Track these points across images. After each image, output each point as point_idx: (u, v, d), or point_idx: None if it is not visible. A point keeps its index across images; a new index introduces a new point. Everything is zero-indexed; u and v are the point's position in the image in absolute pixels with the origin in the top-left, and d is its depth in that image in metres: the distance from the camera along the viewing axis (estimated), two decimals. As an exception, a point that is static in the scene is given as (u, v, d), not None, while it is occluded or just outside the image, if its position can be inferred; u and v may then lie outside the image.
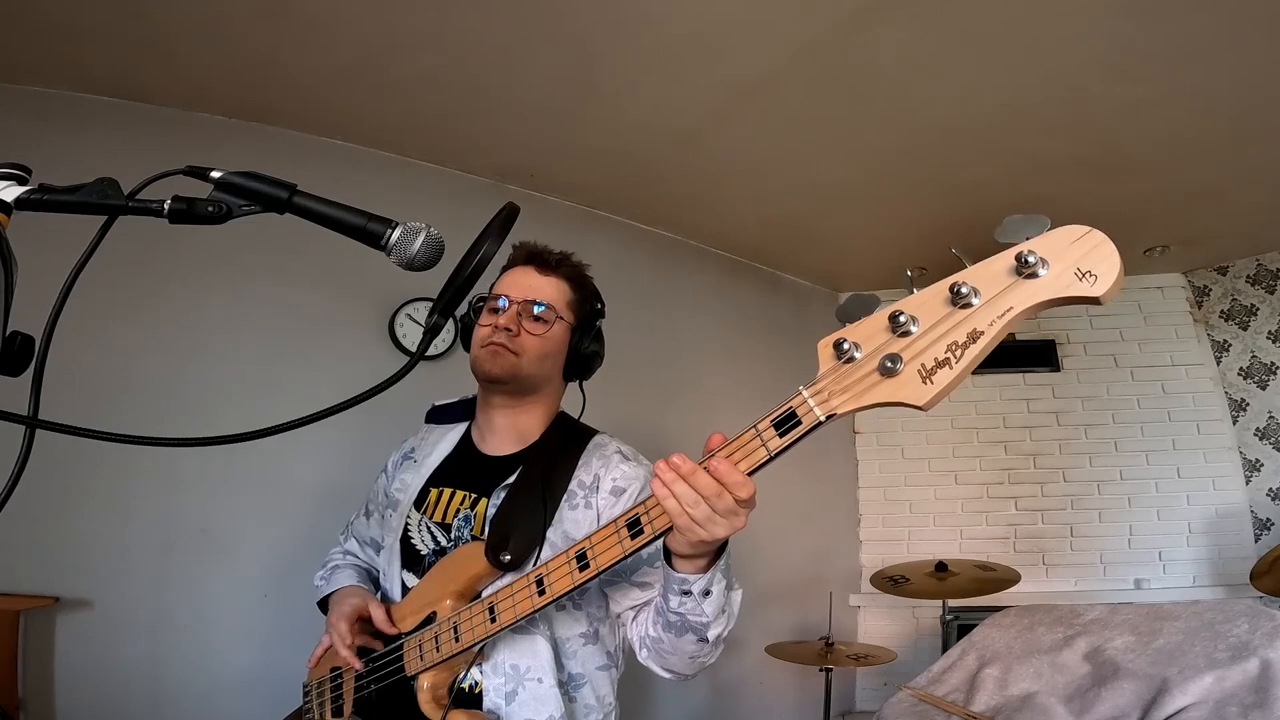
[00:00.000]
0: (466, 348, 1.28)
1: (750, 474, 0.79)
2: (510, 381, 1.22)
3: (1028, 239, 0.68)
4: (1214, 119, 2.45)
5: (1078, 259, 0.66)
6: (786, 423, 0.77)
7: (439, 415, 1.41)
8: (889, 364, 0.71)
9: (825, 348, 0.76)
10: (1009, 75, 2.27)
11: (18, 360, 0.59)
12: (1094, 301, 0.65)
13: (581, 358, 1.29)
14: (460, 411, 1.38)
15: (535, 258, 1.27)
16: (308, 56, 2.21)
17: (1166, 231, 3.28)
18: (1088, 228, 0.66)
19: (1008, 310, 0.68)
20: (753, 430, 0.79)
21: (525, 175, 2.96)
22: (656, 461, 0.82)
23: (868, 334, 0.74)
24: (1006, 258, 0.68)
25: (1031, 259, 0.66)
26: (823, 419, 0.75)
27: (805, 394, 0.76)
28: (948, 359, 0.69)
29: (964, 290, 0.69)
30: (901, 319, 0.71)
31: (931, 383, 0.69)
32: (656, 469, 0.82)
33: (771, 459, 0.78)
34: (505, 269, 1.29)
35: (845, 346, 0.74)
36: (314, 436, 2.25)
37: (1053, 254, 0.66)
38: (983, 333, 0.68)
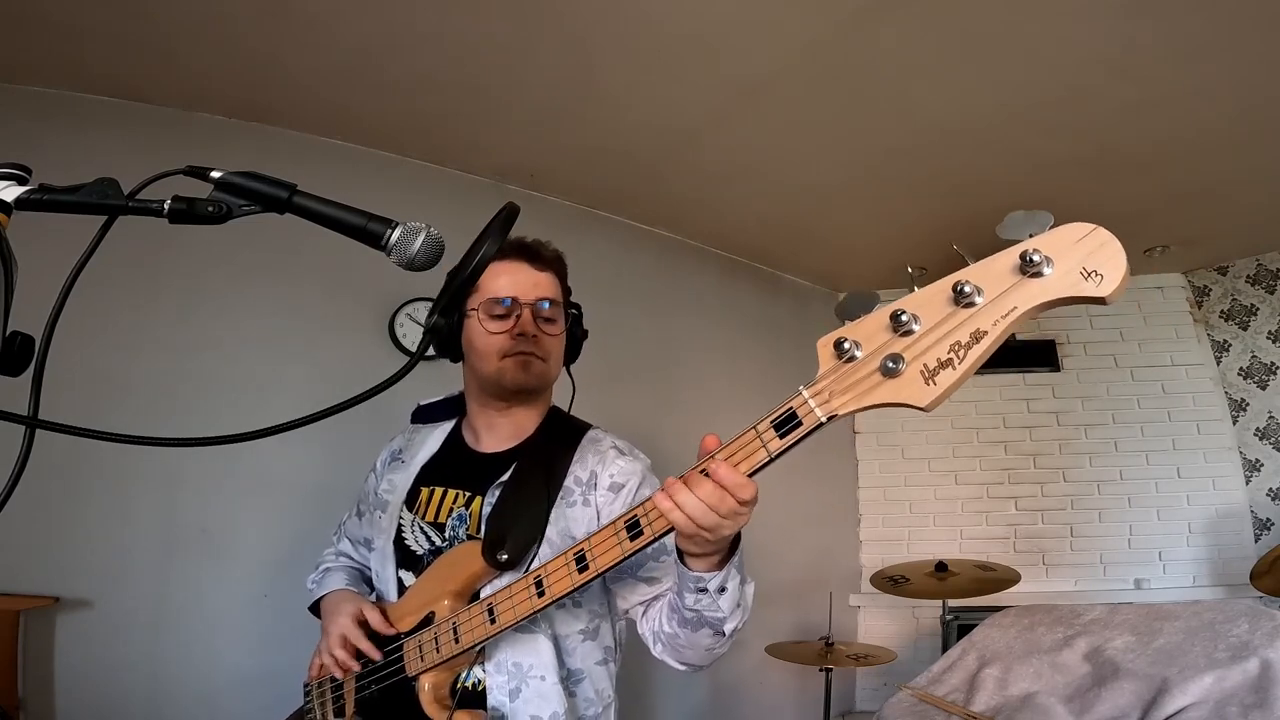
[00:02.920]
0: (448, 355, 1.24)
1: (750, 475, 0.79)
2: (541, 389, 1.22)
3: (1031, 236, 0.67)
4: (1214, 119, 2.45)
5: (1083, 258, 0.64)
6: (787, 424, 0.76)
7: (425, 415, 1.39)
8: (891, 364, 0.69)
9: (825, 347, 0.74)
10: (1009, 75, 2.27)
11: (18, 360, 0.59)
12: (1099, 301, 0.64)
13: (575, 343, 1.28)
14: (446, 409, 1.36)
15: (526, 251, 1.22)
16: (308, 56, 2.21)
17: (1166, 231, 3.28)
18: (1093, 225, 0.65)
19: (1011, 310, 0.66)
20: (752, 431, 0.78)
21: (525, 175, 2.96)
22: (656, 492, 0.83)
23: (868, 333, 0.72)
24: (1010, 256, 0.67)
25: (1036, 258, 0.65)
26: (823, 420, 0.74)
27: (805, 394, 0.75)
28: (950, 359, 0.68)
29: (967, 289, 0.67)
30: (903, 318, 0.69)
31: (934, 384, 0.68)
32: (656, 495, 0.82)
33: (771, 460, 0.78)
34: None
35: (846, 346, 0.72)
36: (314, 436, 2.25)
37: (1057, 252, 0.65)
38: (986, 332, 0.67)
